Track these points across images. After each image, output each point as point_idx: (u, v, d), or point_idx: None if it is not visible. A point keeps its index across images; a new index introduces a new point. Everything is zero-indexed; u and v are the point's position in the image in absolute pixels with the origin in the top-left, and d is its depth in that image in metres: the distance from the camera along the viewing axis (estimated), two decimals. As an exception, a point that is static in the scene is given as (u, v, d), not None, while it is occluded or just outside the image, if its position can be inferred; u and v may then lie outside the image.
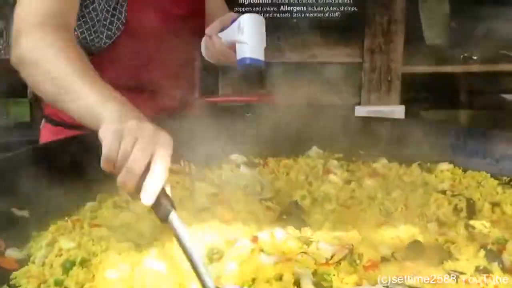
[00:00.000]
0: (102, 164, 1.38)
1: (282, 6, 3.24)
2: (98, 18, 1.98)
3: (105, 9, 1.99)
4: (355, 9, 3.47)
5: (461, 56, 4.66)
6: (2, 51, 3.87)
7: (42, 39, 1.72)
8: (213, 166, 1.89)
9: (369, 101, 3.48)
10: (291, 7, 3.25)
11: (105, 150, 1.37)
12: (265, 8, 3.28)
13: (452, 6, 5.21)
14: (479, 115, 4.64)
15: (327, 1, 3.36)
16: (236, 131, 1.94)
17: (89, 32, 2.01)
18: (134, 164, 1.32)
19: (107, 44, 2.01)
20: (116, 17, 2.00)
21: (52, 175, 1.65)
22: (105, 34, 1.99)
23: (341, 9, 3.41)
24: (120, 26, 1.99)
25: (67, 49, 1.72)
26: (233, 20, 1.99)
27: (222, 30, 2.03)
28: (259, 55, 1.90)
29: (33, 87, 1.80)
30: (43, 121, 2.16)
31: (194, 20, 2.18)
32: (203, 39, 2.16)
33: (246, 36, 1.88)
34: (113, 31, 1.99)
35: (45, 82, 1.70)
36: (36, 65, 1.72)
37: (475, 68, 4.65)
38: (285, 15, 3.32)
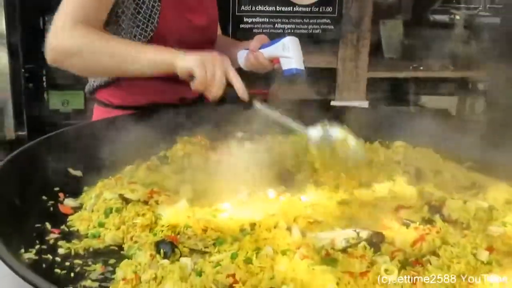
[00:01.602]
0: (195, 86, 1.65)
1: (276, 24, 3.21)
2: (136, 24, 1.93)
3: (142, 16, 1.93)
4: (332, 27, 3.45)
5: (410, 67, 4.65)
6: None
7: (83, 32, 1.72)
8: (223, 141, 1.83)
9: (342, 98, 3.47)
10: (284, 25, 3.26)
11: (198, 75, 1.62)
12: (263, 26, 3.26)
13: (404, 29, 5.20)
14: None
15: (311, 21, 3.36)
16: (241, 117, 1.91)
17: (130, 33, 1.95)
18: (221, 79, 1.62)
19: (147, 37, 1.94)
20: (150, 22, 1.93)
21: (99, 145, 1.64)
22: (142, 36, 1.93)
23: (321, 27, 3.42)
24: (153, 29, 1.92)
25: (106, 34, 1.79)
26: (273, 41, 2.00)
27: (262, 47, 2.01)
28: (302, 66, 1.92)
29: (83, 71, 1.87)
30: (95, 104, 2.10)
31: (210, 29, 2.13)
32: (243, 53, 2.10)
33: (291, 53, 1.90)
34: (148, 33, 1.93)
35: (101, 59, 1.76)
36: (84, 51, 1.73)
37: (420, 74, 4.65)
38: (278, 31, 3.31)
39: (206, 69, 1.61)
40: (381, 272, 1.13)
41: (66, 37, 1.74)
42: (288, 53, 1.91)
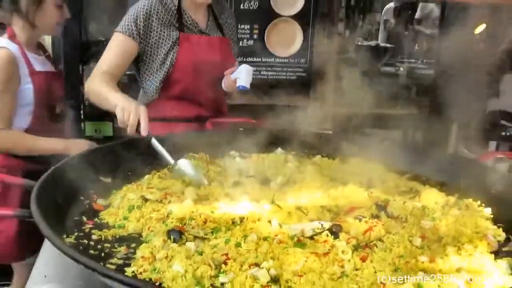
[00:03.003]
0: (119, 124, 1.68)
1: (262, 71, 3.22)
2: (157, 59, 2.04)
3: (162, 54, 2.03)
4: (305, 74, 3.43)
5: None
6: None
7: (100, 81, 1.90)
8: (220, 157, 1.85)
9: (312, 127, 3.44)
10: (267, 72, 3.26)
11: (118, 117, 1.66)
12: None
13: (361, 77, 5.22)
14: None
15: (288, 69, 3.35)
16: (233, 139, 1.92)
17: (151, 69, 2.05)
18: (134, 121, 1.61)
19: (168, 71, 2.05)
20: (171, 55, 2.03)
21: (124, 160, 1.68)
22: (165, 64, 2.04)
23: (296, 74, 3.39)
24: (173, 61, 2.03)
25: (108, 85, 1.88)
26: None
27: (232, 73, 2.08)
28: (248, 85, 2.03)
29: (98, 104, 1.94)
30: None
31: (223, 64, 2.14)
32: (224, 79, 2.15)
33: (243, 75, 2.03)
34: (170, 63, 2.03)
35: (100, 99, 1.89)
36: (97, 92, 1.90)
37: (374, 111, 4.66)
38: (263, 77, 3.31)
39: (124, 113, 1.64)
40: (339, 252, 1.15)
41: (90, 82, 1.95)
42: (242, 75, 2.02)
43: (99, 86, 1.90)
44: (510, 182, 1.50)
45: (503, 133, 3.48)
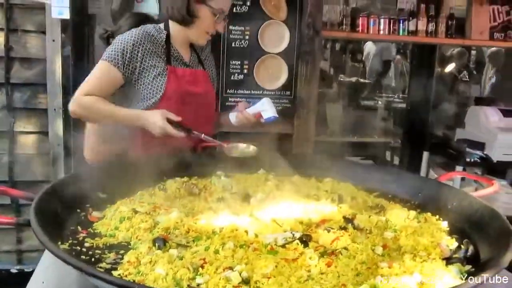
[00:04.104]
0: (159, 134, 1.83)
1: (251, 103, 3.23)
2: (147, 87, 1.97)
3: (152, 82, 1.97)
4: (290, 105, 3.45)
5: (348, 135, 4.74)
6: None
7: (87, 101, 1.88)
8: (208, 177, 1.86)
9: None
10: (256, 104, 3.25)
11: (159, 130, 1.82)
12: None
13: (343, 109, 5.30)
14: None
15: (275, 101, 3.29)
16: (219, 160, 1.94)
17: (142, 96, 1.99)
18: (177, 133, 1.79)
19: (155, 101, 1.97)
20: (159, 86, 1.96)
21: (120, 177, 1.66)
22: (153, 94, 1.97)
23: (282, 105, 3.39)
24: (162, 92, 1.96)
25: (99, 101, 1.88)
26: (254, 102, 2.12)
27: (247, 108, 2.10)
28: (276, 114, 2.06)
29: (90, 120, 2.01)
30: None
31: (206, 96, 2.12)
32: (233, 115, 2.14)
33: (269, 106, 2.05)
34: (157, 93, 1.97)
35: (97, 119, 1.96)
36: (90, 109, 1.89)
37: (353, 140, 4.73)
38: (252, 108, 3.36)
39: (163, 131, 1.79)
40: (307, 258, 1.17)
41: (76, 105, 1.90)
42: (267, 107, 2.03)
43: (95, 103, 1.86)
44: (463, 198, 1.53)
45: (468, 159, 3.52)
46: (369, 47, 6.57)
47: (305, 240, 1.27)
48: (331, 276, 1.10)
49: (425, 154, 3.91)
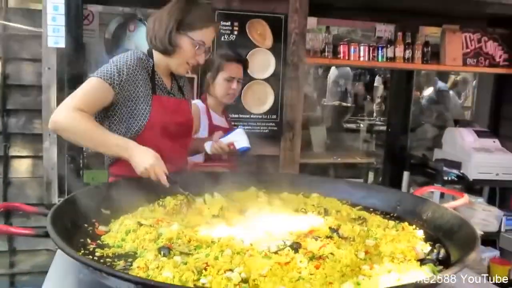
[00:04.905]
0: (139, 173, 1.79)
1: (238, 127, 3.36)
2: (131, 113, 1.97)
3: (137, 109, 1.97)
4: (276, 128, 3.54)
5: (332, 157, 4.91)
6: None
7: (76, 116, 1.79)
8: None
9: (283, 175, 3.59)
10: (244, 126, 3.35)
11: (142, 170, 1.78)
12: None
13: (327, 132, 5.49)
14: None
15: (262, 124, 3.48)
16: (213, 180, 2.03)
17: (126, 119, 1.98)
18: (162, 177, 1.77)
19: (138, 131, 1.98)
20: (144, 114, 1.98)
21: (122, 195, 1.76)
22: (137, 121, 1.97)
23: (269, 128, 3.51)
24: (146, 120, 1.97)
25: (91, 121, 1.84)
26: (228, 132, 2.23)
27: (221, 137, 2.22)
28: (249, 145, 2.17)
29: (72, 141, 1.90)
30: (110, 176, 2.13)
31: (187, 125, 2.17)
32: (208, 144, 2.24)
33: (242, 137, 2.17)
34: (142, 121, 1.98)
35: (83, 137, 1.83)
36: (73, 129, 1.80)
37: (337, 161, 4.89)
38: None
39: (150, 172, 1.78)
40: (297, 262, 1.31)
41: (63, 116, 1.79)
42: (239, 138, 2.14)
43: (84, 119, 1.79)
44: (436, 209, 1.70)
45: (446, 178, 3.72)
46: (332, 72, 6.76)
47: (295, 247, 1.40)
48: (320, 277, 1.24)
49: (405, 174, 4.11)
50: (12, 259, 3.37)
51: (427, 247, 1.48)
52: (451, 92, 6.11)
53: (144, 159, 1.79)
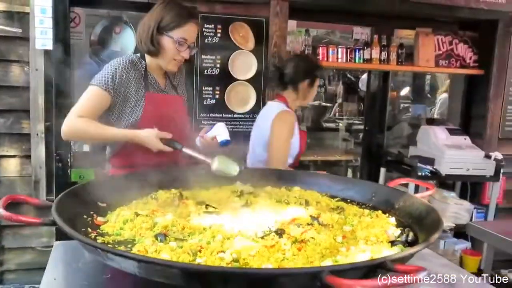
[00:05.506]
0: (155, 150, 2.08)
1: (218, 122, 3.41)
2: (127, 111, 2.18)
3: (132, 107, 2.17)
4: None
5: (313, 155, 5.06)
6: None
7: (80, 121, 2.08)
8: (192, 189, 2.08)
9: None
10: (227, 125, 3.48)
11: (153, 146, 2.07)
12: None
13: (308, 131, 5.65)
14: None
15: (245, 123, 3.56)
16: (202, 176, 2.11)
17: (124, 115, 2.18)
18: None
19: (134, 122, 2.18)
20: (138, 109, 2.17)
21: (117, 189, 1.87)
22: (133, 116, 2.17)
23: (251, 127, 3.64)
24: (140, 114, 2.17)
25: (93, 123, 2.10)
26: (211, 127, 2.30)
27: (206, 132, 2.30)
28: (228, 138, 2.24)
29: (88, 142, 2.27)
30: (112, 168, 2.29)
31: (181, 119, 2.32)
32: (197, 139, 2.31)
33: (222, 131, 2.24)
34: (137, 116, 2.17)
35: (92, 137, 2.15)
36: (83, 131, 2.10)
37: (318, 158, 5.03)
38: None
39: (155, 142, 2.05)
40: (282, 245, 1.45)
41: (68, 125, 2.09)
42: (220, 131, 2.26)
43: (91, 124, 2.07)
44: (407, 199, 1.87)
45: (420, 173, 3.91)
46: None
47: (279, 233, 1.54)
48: (302, 257, 1.38)
49: (382, 170, 4.30)
50: (0, 257, 3.44)
51: (397, 231, 1.64)
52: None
53: (150, 136, 2.07)
